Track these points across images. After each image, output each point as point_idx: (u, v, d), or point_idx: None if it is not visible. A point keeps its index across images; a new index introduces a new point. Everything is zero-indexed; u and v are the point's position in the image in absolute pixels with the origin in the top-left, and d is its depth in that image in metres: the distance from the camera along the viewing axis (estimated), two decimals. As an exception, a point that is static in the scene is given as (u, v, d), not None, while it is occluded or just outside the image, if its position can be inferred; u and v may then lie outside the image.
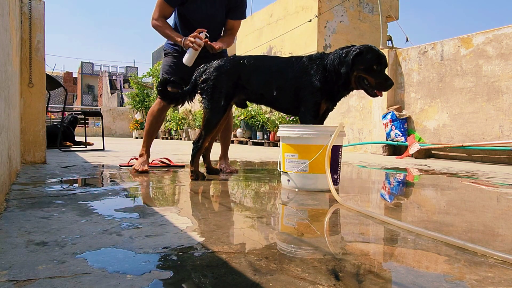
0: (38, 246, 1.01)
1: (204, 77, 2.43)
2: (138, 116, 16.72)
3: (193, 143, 2.50)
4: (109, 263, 0.90)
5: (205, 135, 2.46)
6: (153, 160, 3.39)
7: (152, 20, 2.76)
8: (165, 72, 2.86)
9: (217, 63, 2.44)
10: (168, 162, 3.34)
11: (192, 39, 2.59)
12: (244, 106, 2.66)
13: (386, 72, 2.21)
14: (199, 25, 2.71)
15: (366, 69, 2.14)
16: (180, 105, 2.65)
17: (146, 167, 2.80)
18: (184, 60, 2.66)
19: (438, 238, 1.14)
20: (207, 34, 2.67)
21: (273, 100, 2.42)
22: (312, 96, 2.25)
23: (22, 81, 3.26)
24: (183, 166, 3.28)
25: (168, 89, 2.59)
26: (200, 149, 2.48)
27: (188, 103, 2.57)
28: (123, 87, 32.65)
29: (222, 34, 2.95)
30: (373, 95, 2.19)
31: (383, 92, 2.22)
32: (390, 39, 9.38)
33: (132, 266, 0.88)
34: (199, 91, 2.48)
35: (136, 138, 15.26)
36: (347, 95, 2.37)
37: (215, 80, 2.39)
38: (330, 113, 2.48)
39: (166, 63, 2.92)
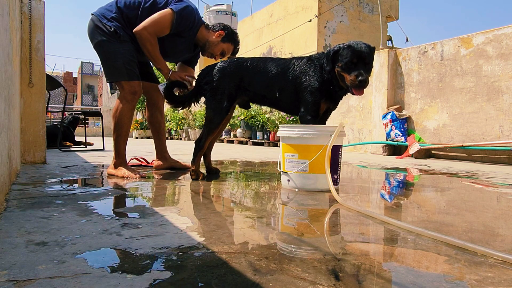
0: (38, 246, 1.01)
1: (207, 78, 2.47)
2: (138, 116, 16.72)
3: (195, 142, 2.52)
4: (109, 263, 0.90)
5: (207, 135, 2.48)
6: (153, 160, 3.39)
7: (143, 31, 2.53)
8: (127, 63, 2.60)
9: (220, 65, 2.49)
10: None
11: (185, 78, 2.69)
12: (247, 107, 2.69)
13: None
14: (164, 54, 2.73)
15: (343, 66, 2.12)
16: (187, 108, 2.63)
17: (137, 174, 2.58)
18: (162, 89, 2.64)
19: (438, 238, 1.14)
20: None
21: (275, 101, 2.45)
22: (311, 96, 2.26)
23: (22, 81, 3.26)
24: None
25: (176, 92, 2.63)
26: (201, 148, 2.50)
27: (194, 104, 2.60)
28: (123, 87, 32.57)
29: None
30: (352, 93, 2.15)
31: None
32: (390, 39, 9.39)
33: (132, 266, 0.88)
34: (202, 92, 2.50)
35: (136, 138, 15.27)
36: (346, 94, 2.36)
37: (218, 81, 2.43)
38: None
39: (127, 52, 2.61)
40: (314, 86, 2.25)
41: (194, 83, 2.70)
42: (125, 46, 2.61)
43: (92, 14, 2.69)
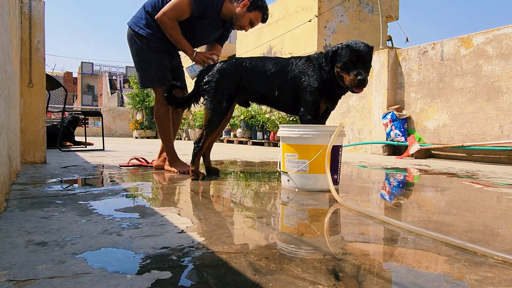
0: (38, 246, 1.01)
1: (206, 79, 2.49)
2: (138, 116, 16.71)
3: (194, 143, 2.52)
4: (109, 263, 0.90)
5: (207, 135, 2.49)
6: (153, 160, 3.39)
7: (163, 16, 2.64)
8: (160, 70, 2.79)
9: (219, 65, 2.50)
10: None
11: (210, 56, 2.72)
12: (246, 105, 2.69)
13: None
14: (194, 38, 2.83)
15: (342, 66, 2.13)
16: (187, 109, 2.67)
17: (187, 168, 2.80)
18: (191, 74, 2.71)
19: (438, 238, 1.14)
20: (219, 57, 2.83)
21: (275, 100, 2.47)
22: (311, 95, 2.26)
23: (22, 81, 3.26)
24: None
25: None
26: (201, 149, 2.50)
27: (194, 105, 2.62)
28: (123, 87, 32.64)
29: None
30: (352, 91, 2.16)
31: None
32: (390, 39, 9.38)
33: (132, 266, 0.88)
34: (201, 93, 2.51)
35: (136, 138, 15.25)
36: (345, 94, 2.37)
37: (217, 81, 2.44)
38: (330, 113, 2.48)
39: (159, 60, 2.80)
40: (314, 86, 2.25)
41: (219, 60, 2.77)
42: (156, 54, 2.79)
43: (127, 24, 2.88)
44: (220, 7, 2.77)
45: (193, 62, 2.77)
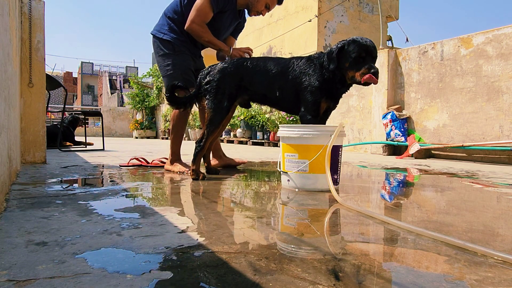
0: (38, 246, 1.01)
1: (208, 78, 2.50)
2: (138, 116, 16.71)
3: (196, 142, 2.53)
4: (109, 263, 0.90)
5: (208, 134, 2.49)
6: (153, 160, 3.39)
7: (192, 24, 2.72)
8: (185, 72, 2.88)
9: (220, 65, 2.52)
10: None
11: (246, 51, 2.81)
12: (247, 106, 2.70)
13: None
14: (218, 34, 2.89)
15: (351, 62, 2.13)
16: (189, 109, 2.71)
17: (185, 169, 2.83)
18: None
19: (438, 238, 1.14)
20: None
21: (276, 100, 2.48)
22: (312, 95, 2.27)
23: (22, 81, 3.26)
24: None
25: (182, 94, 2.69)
26: (203, 148, 2.51)
27: (196, 105, 2.64)
28: (123, 87, 32.64)
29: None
30: (365, 84, 2.15)
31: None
32: (390, 39, 9.38)
33: (132, 266, 0.88)
34: (203, 92, 2.51)
35: (136, 138, 15.25)
36: (346, 92, 2.38)
37: (218, 81, 2.45)
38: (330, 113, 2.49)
39: (184, 63, 2.89)
40: (314, 85, 2.26)
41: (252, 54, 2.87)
42: (181, 57, 2.87)
43: (151, 34, 2.98)
44: None
45: (227, 58, 2.82)
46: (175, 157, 3.01)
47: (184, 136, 13.36)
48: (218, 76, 2.46)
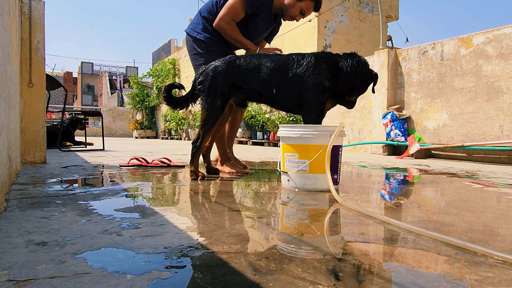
0: (38, 246, 1.01)
1: (201, 78, 2.48)
2: (138, 116, 16.71)
3: (192, 143, 2.51)
4: (109, 263, 0.90)
5: (204, 135, 2.48)
6: (153, 160, 3.39)
7: (220, 21, 2.73)
8: None
9: (213, 64, 2.48)
10: (168, 162, 3.34)
11: (273, 51, 2.77)
12: (243, 105, 2.68)
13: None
14: (251, 37, 2.90)
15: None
16: (185, 108, 2.69)
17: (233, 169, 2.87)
18: None
19: (438, 238, 1.14)
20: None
21: (272, 98, 2.43)
22: (319, 95, 2.24)
23: (22, 81, 3.26)
24: (183, 166, 3.28)
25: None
26: (199, 149, 2.49)
27: (192, 105, 2.63)
28: (123, 87, 32.64)
29: None
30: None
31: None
32: (390, 39, 9.37)
33: (132, 266, 0.88)
34: (198, 93, 2.51)
35: (136, 138, 15.25)
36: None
37: (210, 81, 2.44)
38: (330, 113, 2.50)
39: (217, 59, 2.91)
40: (325, 86, 2.23)
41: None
42: (214, 56, 2.83)
43: (185, 32, 2.98)
44: (271, 1, 2.82)
45: None
46: (224, 158, 3.03)
47: (184, 136, 13.38)
48: (210, 76, 2.43)
